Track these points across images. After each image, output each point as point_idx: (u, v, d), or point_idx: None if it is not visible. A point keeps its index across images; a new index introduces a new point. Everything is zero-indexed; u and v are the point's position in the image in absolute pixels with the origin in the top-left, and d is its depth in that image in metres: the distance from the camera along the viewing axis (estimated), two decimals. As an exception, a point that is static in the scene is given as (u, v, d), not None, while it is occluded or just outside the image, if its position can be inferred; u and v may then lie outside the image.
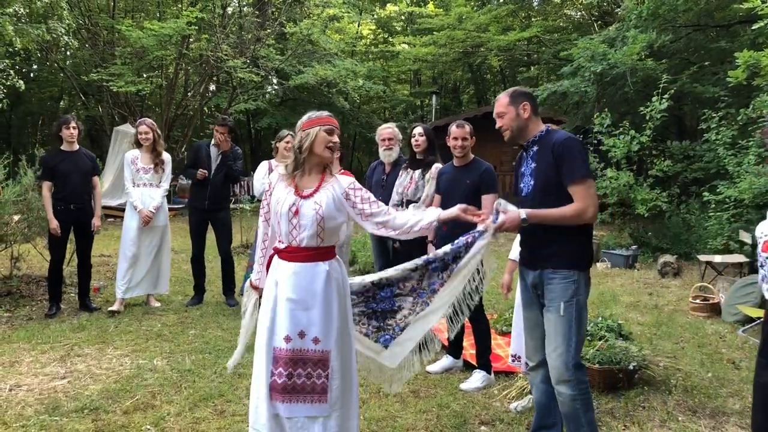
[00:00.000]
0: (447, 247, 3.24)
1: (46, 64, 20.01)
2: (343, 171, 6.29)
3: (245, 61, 16.19)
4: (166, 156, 6.68)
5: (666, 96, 10.15)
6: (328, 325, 2.86)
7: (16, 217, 6.86)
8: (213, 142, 6.80)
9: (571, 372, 2.99)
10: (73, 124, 6.27)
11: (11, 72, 10.71)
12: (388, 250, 5.55)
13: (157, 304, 6.65)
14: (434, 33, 19.86)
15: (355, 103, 21.94)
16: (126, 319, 6.07)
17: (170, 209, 17.09)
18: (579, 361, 3.05)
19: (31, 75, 20.94)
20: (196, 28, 15.62)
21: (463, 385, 4.41)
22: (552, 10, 22.91)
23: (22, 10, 12.11)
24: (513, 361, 4.41)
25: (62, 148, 6.30)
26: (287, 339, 2.83)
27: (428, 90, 24.32)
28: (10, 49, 12.34)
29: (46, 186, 6.18)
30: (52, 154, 6.45)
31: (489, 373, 4.52)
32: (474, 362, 4.69)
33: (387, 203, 5.27)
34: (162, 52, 15.23)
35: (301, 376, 2.84)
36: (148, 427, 3.63)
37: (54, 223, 6.06)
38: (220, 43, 16.19)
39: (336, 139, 2.97)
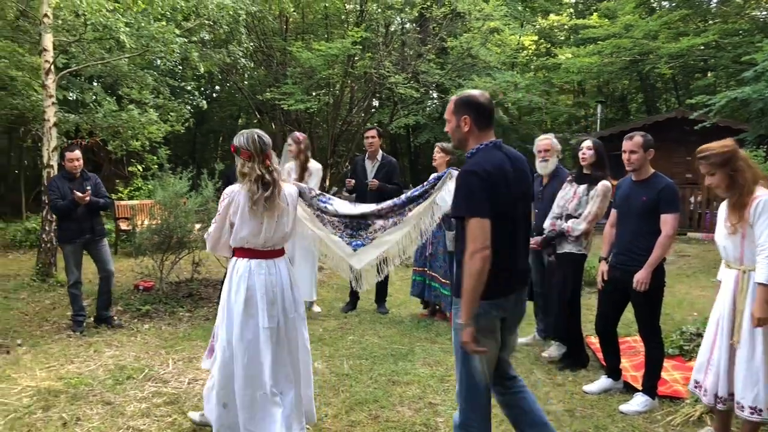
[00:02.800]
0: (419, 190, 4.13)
1: (226, 85, 21.60)
2: None
3: (406, 76, 16.54)
4: (313, 166, 6.73)
5: None
6: None
7: (197, 226, 7.52)
8: (367, 155, 7.06)
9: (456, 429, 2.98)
10: None
11: (196, 93, 11.78)
12: (543, 264, 5.46)
13: (319, 310, 6.97)
14: (599, 42, 19.09)
15: (513, 115, 21.63)
16: (291, 323, 6.41)
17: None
18: (467, 421, 2.93)
19: (213, 95, 22.73)
20: (361, 47, 16.19)
21: (623, 407, 4.20)
22: (732, 12, 21.19)
23: (207, 36, 13.28)
24: (694, 387, 3.70)
25: (240, 162, 6.82)
26: None
27: (593, 100, 23.44)
28: (196, 73, 13.52)
29: (225, 196, 6.70)
30: (231, 167, 7.01)
31: (653, 397, 4.26)
32: (635, 384, 4.46)
33: (544, 215, 5.20)
34: (329, 71, 15.94)
35: None
36: (307, 426, 3.82)
37: (230, 231, 6.54)
38: (383, 60, 16.67)
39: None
